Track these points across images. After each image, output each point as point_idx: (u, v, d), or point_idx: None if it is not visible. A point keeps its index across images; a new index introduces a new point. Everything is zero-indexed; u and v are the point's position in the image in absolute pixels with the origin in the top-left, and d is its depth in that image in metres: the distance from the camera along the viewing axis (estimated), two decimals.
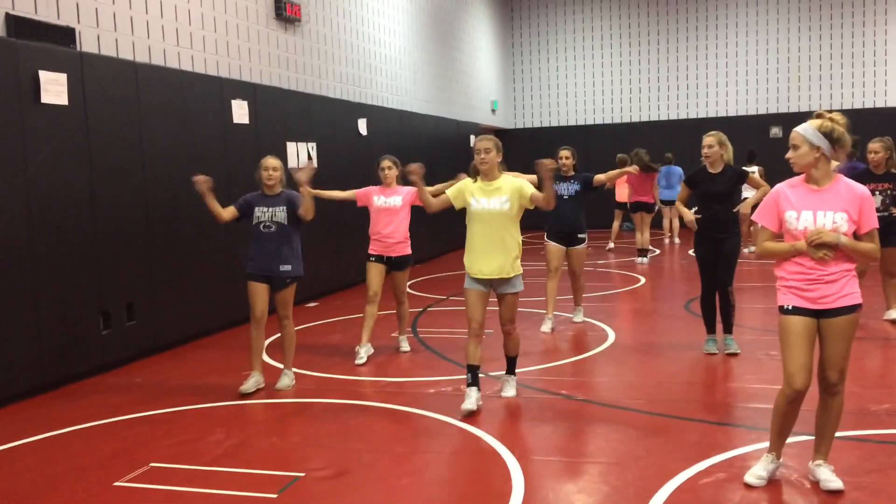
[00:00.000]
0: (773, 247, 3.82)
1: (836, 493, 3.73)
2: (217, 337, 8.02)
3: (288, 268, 5.85)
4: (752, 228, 13.18)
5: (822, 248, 3.63)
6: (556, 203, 5.29)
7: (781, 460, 3.95)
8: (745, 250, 13.40)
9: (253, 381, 5.89)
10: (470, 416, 5.11)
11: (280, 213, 5.81)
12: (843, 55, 18.01)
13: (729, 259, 6.31)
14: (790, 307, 3.74)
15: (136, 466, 4.44)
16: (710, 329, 6.65)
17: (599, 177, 7.72)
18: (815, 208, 3.68)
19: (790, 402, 3.76)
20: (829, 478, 3.79)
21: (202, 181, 5.70)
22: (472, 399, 5.19)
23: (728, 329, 6.58)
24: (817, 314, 3.71)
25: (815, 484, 3.84)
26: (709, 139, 6.29)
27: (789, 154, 3.72)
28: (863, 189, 3.72)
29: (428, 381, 6.08)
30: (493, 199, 5.14)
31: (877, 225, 3.70)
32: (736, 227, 6.38)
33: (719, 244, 6.27)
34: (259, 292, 5.89)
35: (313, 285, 9.87)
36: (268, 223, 5.80)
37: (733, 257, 6.32)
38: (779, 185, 3.86)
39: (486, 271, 5.17)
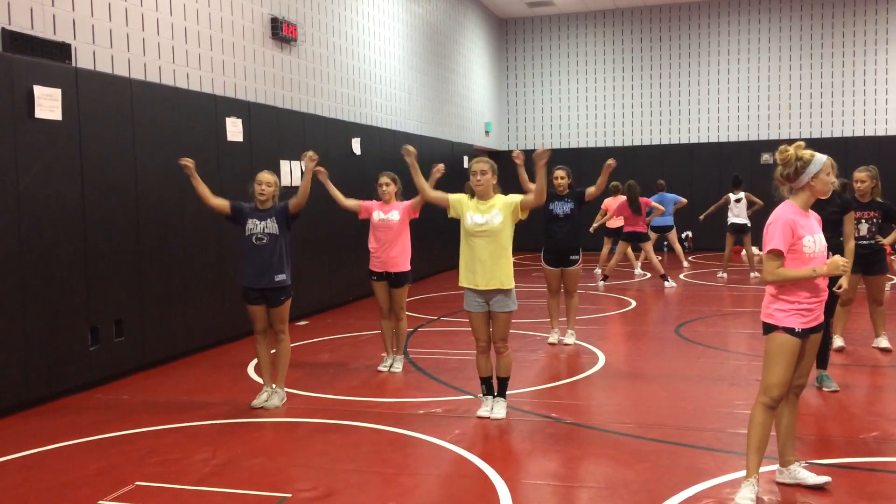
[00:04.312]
0: (790, 272, 3.87)
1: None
2: (205, 355, 7.97)
3: (282, 276, 5.94)
4: (752, 255, 13.20)
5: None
6: (545, 198, 5.41)
7: (759, 484, 3.98)
8: (722, 274, 13.44)
9: (266, 394, 6.02)
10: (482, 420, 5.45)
11: (272, 225, 5.90)
12: (833, 83, 18.20)
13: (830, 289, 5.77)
14: (800, 330, 3.91)
15: (121, 485, 4.40)
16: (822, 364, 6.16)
17: (590, 189, 7.79)
18: (813, 232, 3.95)
19: (769, 410, 3.96)
20: (814, 475, 4.12)
21: (188, 164, 5.91)
22: (487, 406, 5.59)
23: (823, 364, 6.16)
24: (809, 332, 3.98)
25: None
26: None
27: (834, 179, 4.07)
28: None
29: (418, 402, 6.05)
30: (487, 216, 5.35)
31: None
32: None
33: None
34: (259, 312, 5.99)
35: (304, 304, 9.85)
36: (260, 235, 5.88)
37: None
38: (786, 213, 3.90)
39: (479, 281, 5.36)
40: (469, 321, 5.57)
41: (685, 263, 14.97)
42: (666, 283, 12.38)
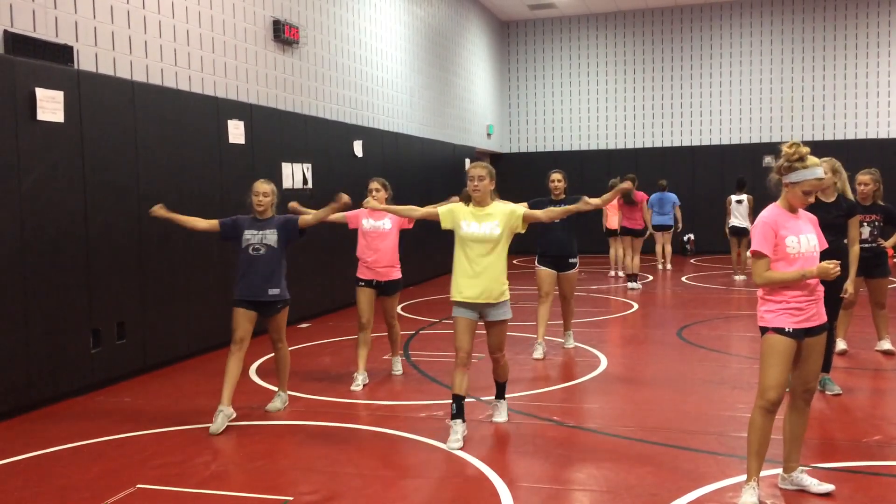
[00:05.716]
0: (779, 275, 3.87)
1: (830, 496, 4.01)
2: (207, 358, 7.97)
3: (276, 291, 5.70)
4: (745, 258, 13.20)
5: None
6: (555, 217, 5.33)
7: (760, 487, 3.98)
8: (737, 278, 13.43)
9: (221, 418, 5.47)
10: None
11: (270, 236, 5.67)
12: (835, 86, 18.19)
13: (834, 293, 5.57)
14: (790, 329, 3.88)
15: (122, 488, 4.39)
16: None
17: (595, 200, 7.52)
18: (799, 232, 3.93)
19: (767, 414, 3.93)
20: (818, 482, 4.10)
21: (156, 211, 5.77)
22: (457, 435, 5.04)
23: (826, 368, 6.06)
24: (804, 333, 3.93)
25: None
26: (824, 165, 5.42)
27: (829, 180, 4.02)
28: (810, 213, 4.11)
29: (419, 406, 6.05)
30: (484, 225, 5.11)
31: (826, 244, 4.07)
32: (846, 262, 5.76)
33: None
34: (243, 318, 5.66)
35: (305, 306, 9.85)
36: (257, 245, 5.67)
37: (838, 291, 5.70)
38: (767, 216, 3.96)
39: (473, 295, 5.10)
40: (454, 326, 5.20)
41: (667, 267, 14.92)
42: (630, 283, 12.49)
